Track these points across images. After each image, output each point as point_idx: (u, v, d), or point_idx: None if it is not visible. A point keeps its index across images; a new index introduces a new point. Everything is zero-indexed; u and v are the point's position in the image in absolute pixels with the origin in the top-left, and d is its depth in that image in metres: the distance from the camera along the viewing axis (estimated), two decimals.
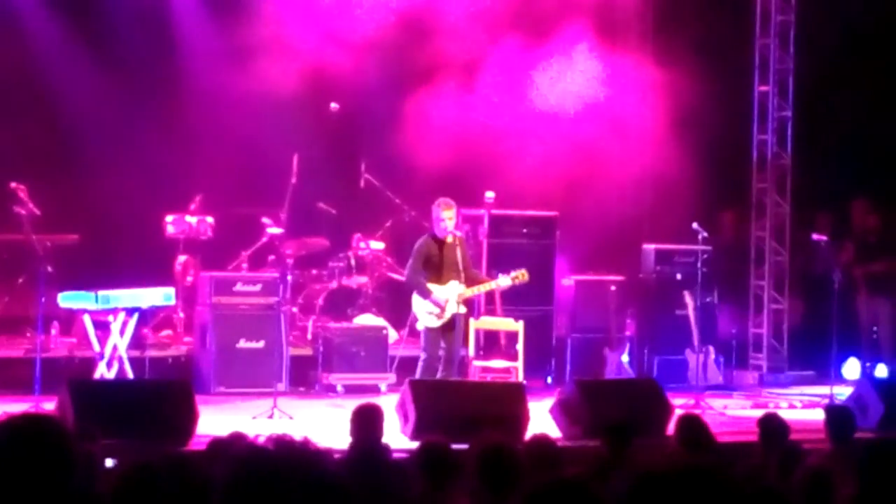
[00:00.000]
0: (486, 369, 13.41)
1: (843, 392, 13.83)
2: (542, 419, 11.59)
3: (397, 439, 10.47)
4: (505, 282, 13.14)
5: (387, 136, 15.31)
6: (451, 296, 12.77)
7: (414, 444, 9.14)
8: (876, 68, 16.89)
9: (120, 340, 13.07)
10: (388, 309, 15.33)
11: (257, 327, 14.11)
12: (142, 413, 10.57)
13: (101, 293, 13.02)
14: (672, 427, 9.58)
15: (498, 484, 6.41)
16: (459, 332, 12.88)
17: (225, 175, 15.21)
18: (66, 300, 13.16)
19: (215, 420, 11.30)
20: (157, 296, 13.51)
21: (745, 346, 16.25)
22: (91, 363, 13.13)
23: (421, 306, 12.87)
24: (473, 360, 13.38)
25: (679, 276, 15.25)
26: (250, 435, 7.53)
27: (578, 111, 15.94)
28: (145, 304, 13.38)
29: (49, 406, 10.95)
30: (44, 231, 13.67)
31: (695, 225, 14.45)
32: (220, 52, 15.55)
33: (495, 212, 15.11)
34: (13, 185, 13.72)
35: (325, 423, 11.77)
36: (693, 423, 8.77)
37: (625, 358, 15.15)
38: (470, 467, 6.67)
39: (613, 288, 15.35)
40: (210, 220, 15.06)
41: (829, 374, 14.64)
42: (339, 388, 14.20)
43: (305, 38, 15.20)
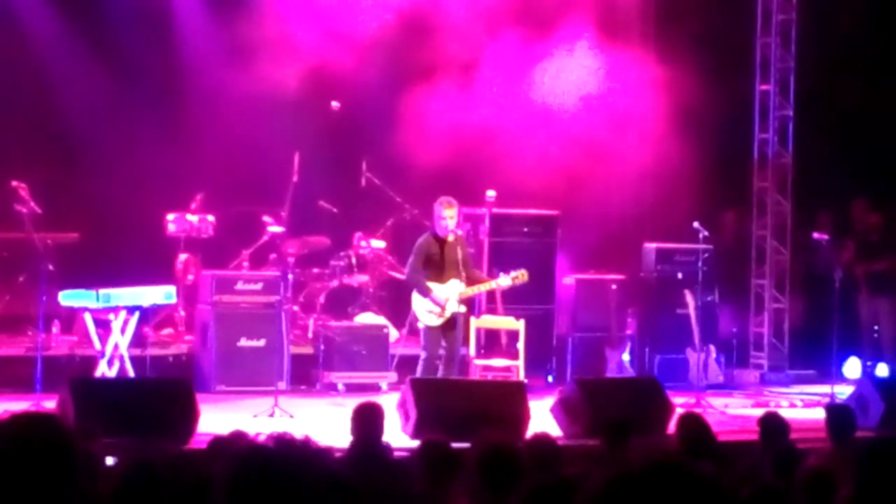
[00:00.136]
0: (487, 368, 13.40)
1: (843, 391, 13.84)
2: (542, 418, 11.58)
3: (398, 438, 10.48)
4: (505, 282, 13.13)
5: (388, 135, 15.29)
6: (452, 295, 12.76)
7: (415, 443, 9.15)
8: (877, 67, 16.89)
9: (121, 339, 13.07)
10: (389, 307, 15.32)
11: (258, 326, 14.11)
12: (143, 411, 10.55)
13: (102, 291, 13.02)
14: (673, 426, 9.58)
15: (498, 483, 6.40)
16: (460, 331, 12.88)
17: (226, 173, 15.19)
18: (67, 298, 13.16)
19: (216, 418, 11.30)
20: (158, 294, 13.52)
21: (745, 344, 16.26)
22: (92, 361, 13.14)
23: (421, 305, 12.86)
24: (474, 358, 13.37)
25: (680, 275, 15.24)
26: (251, 433, 7.49)
27: (579, 109, 15.95)
28: (146, 303, 13.39)
29: (50, 404, 10.93)
30: (45, 229, 13.65)
31: (696, 224, 14.45)
32: (222, 50, 15.55)
33: (496, 210, 15.11)
34: (14, 183, 13.71)
35: (325, 422, 11.77)
36: (694, 422, 8.78)
37: (626, 357, 15.15)
38: (470, 466, 6.67)
39: (614, 287, 15.34)
40: (211, 218, 15.03)
41: (829, 373, 14.65)
42: (340, 387, 14.20)
43: (306, 36, 15.19)
